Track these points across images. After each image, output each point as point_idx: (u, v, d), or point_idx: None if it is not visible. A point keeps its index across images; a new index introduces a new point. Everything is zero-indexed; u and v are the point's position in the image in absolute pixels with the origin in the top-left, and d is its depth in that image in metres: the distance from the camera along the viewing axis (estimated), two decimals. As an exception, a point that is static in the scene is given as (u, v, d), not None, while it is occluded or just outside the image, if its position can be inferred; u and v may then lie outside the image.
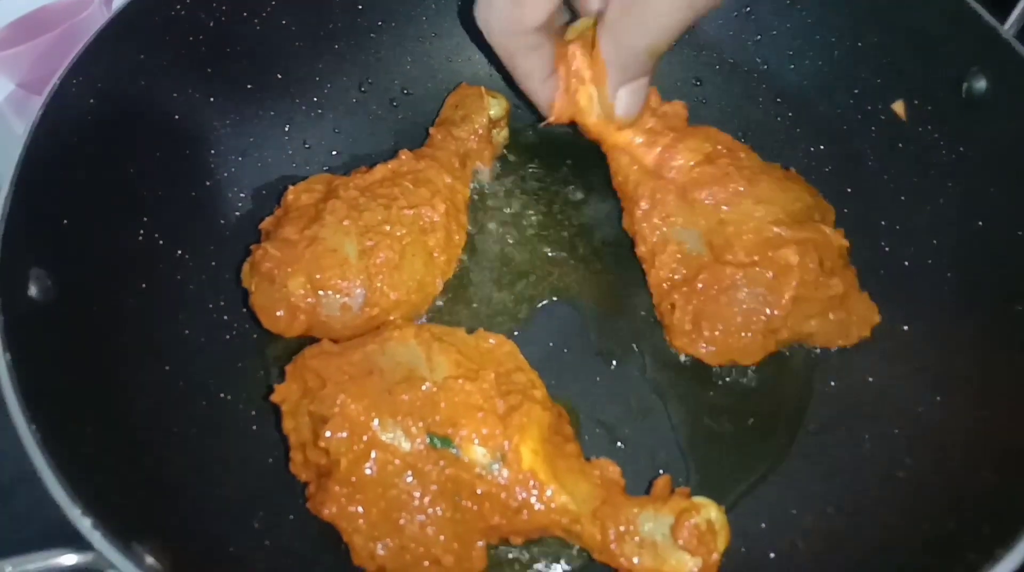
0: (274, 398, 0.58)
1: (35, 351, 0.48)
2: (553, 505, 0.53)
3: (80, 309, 0.55)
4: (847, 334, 0.62)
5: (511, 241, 0.71)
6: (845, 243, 0.63)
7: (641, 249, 0.66)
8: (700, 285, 0.62)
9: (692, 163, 0.65)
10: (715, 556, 0.53)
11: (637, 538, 0.53)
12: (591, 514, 0.54)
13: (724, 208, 0.63)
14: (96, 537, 0.40)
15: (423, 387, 0.55)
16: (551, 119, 0.66)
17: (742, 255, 0.61)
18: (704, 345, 0.62)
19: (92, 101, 0.60)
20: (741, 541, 0.56)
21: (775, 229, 0.61)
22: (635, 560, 0.53)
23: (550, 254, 0.70)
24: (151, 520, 0.47)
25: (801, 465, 0.60)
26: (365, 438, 0.54)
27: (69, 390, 0.50)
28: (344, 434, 0.54)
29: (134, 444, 0.54)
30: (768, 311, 0.60)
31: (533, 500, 0.53)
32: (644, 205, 0.66)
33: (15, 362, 0.45)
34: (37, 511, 0.62)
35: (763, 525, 0.58)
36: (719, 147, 0.66)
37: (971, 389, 0.58)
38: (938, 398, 0.59)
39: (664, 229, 0.65)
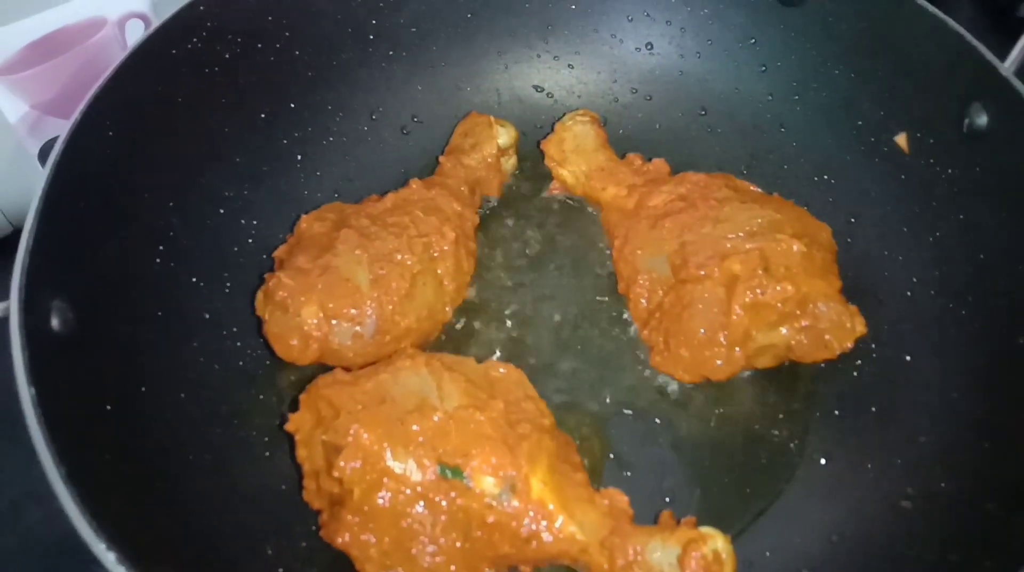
0: (288, 427, 0.59)
1: (58, 384, 0.48)
2: (562, 535, 0.54)
3: (99, 340, 0.56)
4: (825, 345, 0.62)
5: (520, 268, 0.73)
6: (834, 246, 0.66)
7: (621, 285, 0.70)
8: (667, 306, 0.65)
9: (665, 202, 0.69)
10: None
11: (645, 568, 0.54)
12: (599, 544, 0.55)
13: (687, 233, 0.66)
14: (119, 571, 0.41)
15: (434, 417, 0.56)
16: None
17: (694, 270, 0.64)
18: (676, 364, 0.65)
19: (111, 133, 0.61)
20: (746, 570, 0.57)
21: (726, 244, 0.64)
22: (642, 590, 0.54)
23: (559, 282, 0.72)
24: (166, 550, 0.48)
25: (805, 494, 0.61)
26: (378, 468, 0.55)
27: (89, 422, 0.51)
28: (357, 463, 0.55)
29: (150, 472, 0.54)
30: (724, 322, 0.62)
31: (542, 530, 0.54)
32: (618, 243, 0.70)
33: (40, 397, 0.46)
34: (45, 527, 0.63)
35: (768, 554, 0.59)
36: (693, 187, 0.69)
37: (973, 421, 0.59)
38: (941, 429, 0.60)
39: (634, 261, 0.68)
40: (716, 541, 0.55)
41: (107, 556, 0.41)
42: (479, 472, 0.55)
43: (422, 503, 0.55)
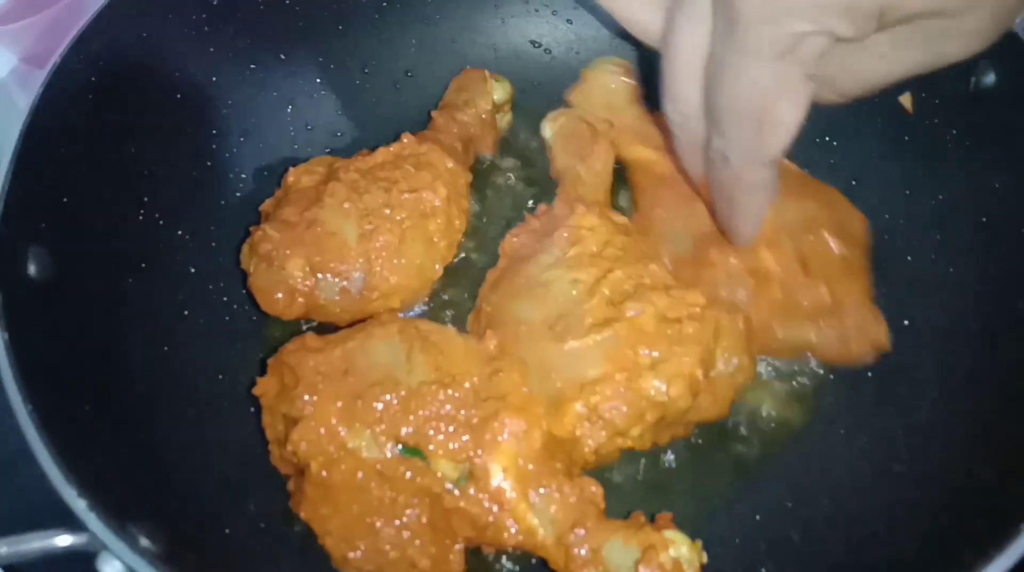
0: (255, 391, 0.58)
1: (33, 330, 0.47)
2: (521, 526, 0.52)
3: (79, 288, 0.55)
4: (846, 353, 0.60)
5: (515, 226, 0.71)
6: (866, 239, 0.62)
7: None
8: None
9: None
10: None
11: (601, 567, 0.51)
12: (557, 539, 0.52)
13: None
14: (91, 519, 0.40)
15: (396, 393, 0.54)
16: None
17: (716, 255, 0.60)
18: None
19: (93, 78, 0.59)
20: (737, 534, 0.56)
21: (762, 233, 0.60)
22: (597, 590, 0.51)
23: (552, 241, 0.70)
24: (146, 501, 0.48)
25: (798, 458, 0.60)
26: (335, 443, 0.53)
27: (67, 370, 0.50)
28: (312, 439, 0.53)
29: (131, 424, 0.54)
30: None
31: (500, 520, 0.52)
32: (644, 207, 0.66)
33: (12, 341, 0.45)
34: (36, 487, 0.62)
35: (758, 517, 0.58)
36: None
37: (971, 385, 0.58)
38: (937, 394, 0.59)
39: (657, 229, 0.64)
40: (680, 548, 0.51)
41: (78, 503, 0.40)
42: (436, 456, 0.53)
43: (382, 481, 0.53)
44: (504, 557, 0.57)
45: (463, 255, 0.69)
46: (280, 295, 0.61)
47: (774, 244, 0.60)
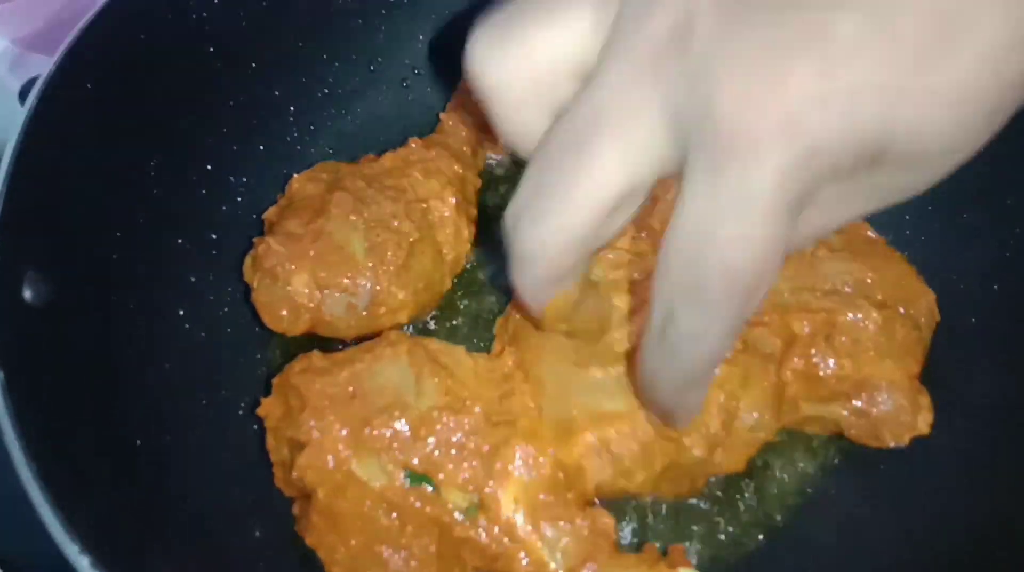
0: (259, 412, 0.56)
1: (30, 366, 0.45)
2: (532, 558, 0.51)
3: (77, 307, 0.53)
4: (877, 435, 0.55)
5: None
6: (934, 316, 0.58)
7: None
8: None
9: None
10: None
11: None
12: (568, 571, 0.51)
13: None
14: (94, 577, 0.38)
15: (405, 419, 0.53)
16: None
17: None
18: None
19: (89, 85, 0.57)
20: (751, 562, 0.56)
21: (797, 296, 0.56)
22: (607, 625, 0.50)
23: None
24: (151, 544, 0.46)
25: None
26: (342, 470, 0.52)
27: (65, 401, 0.48)
28: (319, 465, 0.52)
29: (132, 451, 0.52)
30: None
31: (511, 552, 0.51)
32: None
33: (8, 382, 0.43)
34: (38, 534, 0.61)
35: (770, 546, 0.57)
36: None
37: (989, 414, 0.57)
38: (956, 423, 0.57)
39: None
40: None
41: (80, 560, 0.38)
42: (446, 485, 0.52)
43: (390, 509, 0.52)
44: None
45: (470, 264, 0.67)
46: (285, 312, 0.60)
47: (804, 309, 0.56)
